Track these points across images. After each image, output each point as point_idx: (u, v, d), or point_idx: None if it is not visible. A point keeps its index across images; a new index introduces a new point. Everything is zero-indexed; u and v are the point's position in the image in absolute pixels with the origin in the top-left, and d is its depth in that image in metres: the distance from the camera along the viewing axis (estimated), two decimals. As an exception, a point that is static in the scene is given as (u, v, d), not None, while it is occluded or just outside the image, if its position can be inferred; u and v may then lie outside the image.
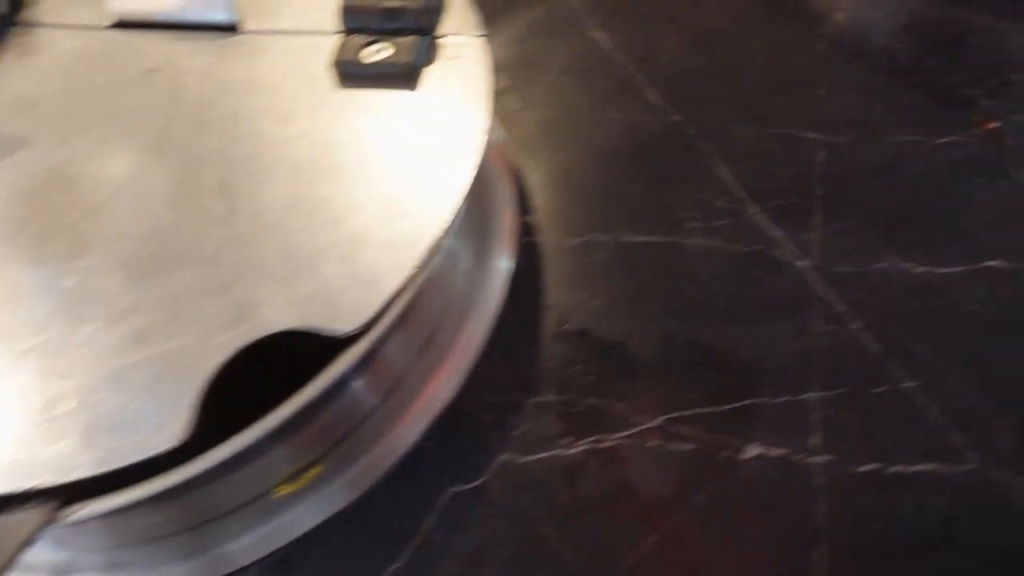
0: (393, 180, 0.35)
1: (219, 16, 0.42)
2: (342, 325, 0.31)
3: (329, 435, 0.34)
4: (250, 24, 0.42)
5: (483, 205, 0.42)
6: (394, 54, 0.38)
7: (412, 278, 0.32)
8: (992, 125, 0.42)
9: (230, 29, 0.42)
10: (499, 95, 0.47)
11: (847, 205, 0.40)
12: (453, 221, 0.33)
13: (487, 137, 0.36)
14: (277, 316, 0.31)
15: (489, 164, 0.43)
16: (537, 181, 0.44)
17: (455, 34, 0.40)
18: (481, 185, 0.42)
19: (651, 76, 0.47)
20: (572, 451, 0.35)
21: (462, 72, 0.38)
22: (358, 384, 0.34)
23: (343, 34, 0.40)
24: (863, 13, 0.48)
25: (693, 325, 0.38)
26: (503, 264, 0.40)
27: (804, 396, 0.35)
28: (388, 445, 0.35)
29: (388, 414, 0.35)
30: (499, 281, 0.40)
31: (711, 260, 0.40)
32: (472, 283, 0.40)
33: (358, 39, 0.39)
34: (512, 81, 0.48)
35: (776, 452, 0.34)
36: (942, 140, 0.42)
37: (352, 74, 0.38)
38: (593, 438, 0.35)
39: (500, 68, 0.48)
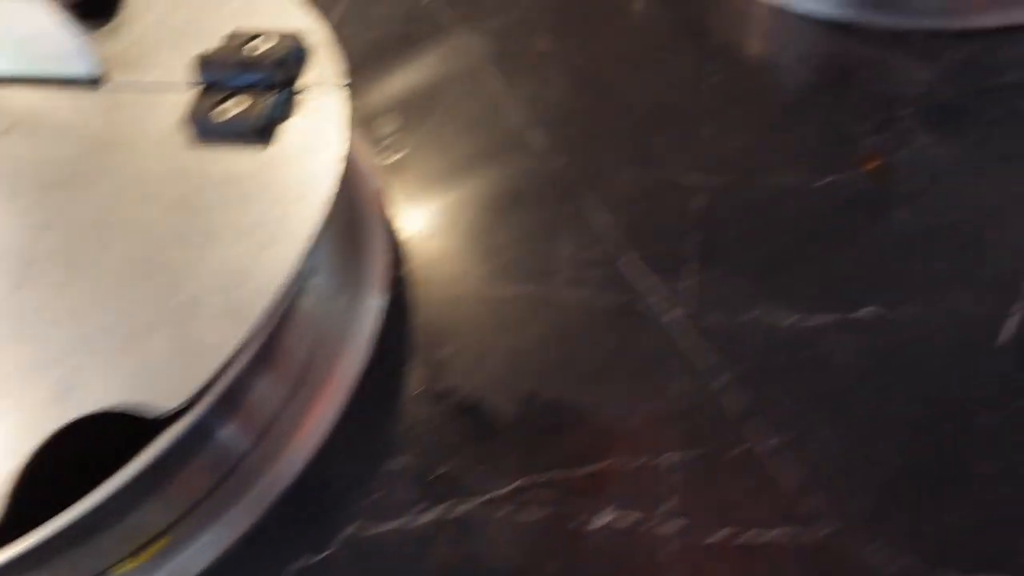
0: (238, 243, 0.34)
1: (81, 70, 0.41)
2: (162, 403, 0.30)
3: (170, 509, 0.34)
4: (114, 78, 0.41)
5: (354, 256, 0.41)
6: (248, 109, 0.37)
7: (242, 349, 0.31)
8: (874, 164, 0.41)
9: (93, 83, 0.41)
10: (384, 139, 0.46)
11: (724, 251, 0.39)
12: (289, 288, 0.32)
13: (335, 196, 0.35)
14: (98, 395, 0.30)
15: (361, 214, 0.42)
16: (415, 230, 0.43)
17: (316, 85, 0.39)
18: (351, 235, 0.41)
19: (539, 119, 0.46)
20: (424, 520, 0.34)
21: (319, 127, 0.37)
22: (195, 460, 0.33)
23: (201, 88, 0.39)
24: (753, 50, 0.47)
25: (557, 382, 0.37)
26: (370, 320, 0.39)
27: (661, 458, 0.34)
28: (235, 517, 0.35)
29: (233, 488, 0.35)
30: (365, 338, 0.39)
31: (580, 313, 0.39)
32: (335, 340, 0.39)
33: (215, 94, 0.38)
34: (400, 125, 0.47)
35: (629, 519, 0.33)
36: (824, 181, 0.41)
37: (205, 131, 0.38)
38: (447, 504, 0.34)
39: (388, 111, 0.48)
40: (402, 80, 0.49)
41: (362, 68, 0.49)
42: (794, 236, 0.40)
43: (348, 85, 0.39)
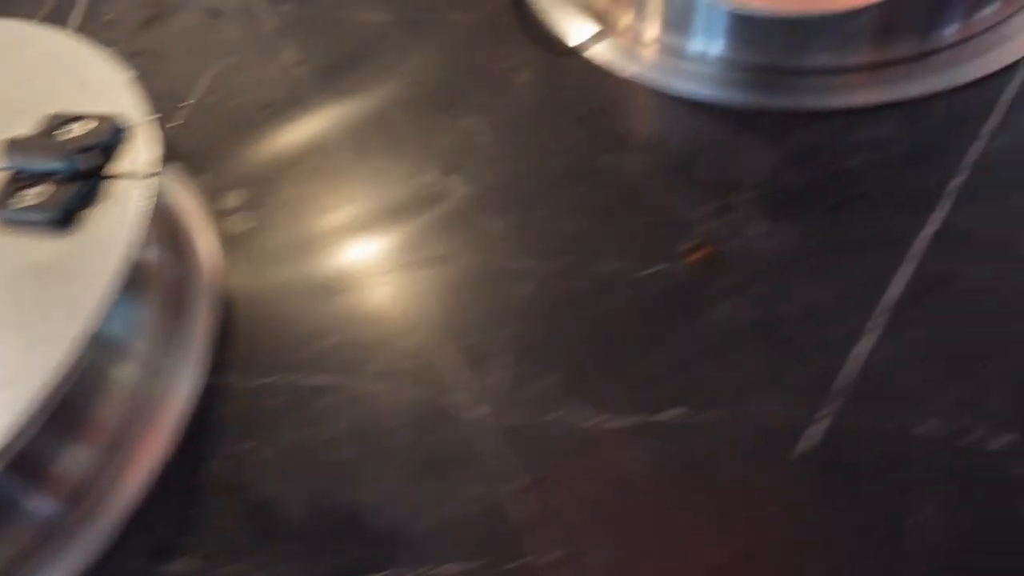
0: (18, 335, 0.33)
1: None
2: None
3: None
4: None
5: (177, 334, 0.40)
6: (48, 198, 0.37)
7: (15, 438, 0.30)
8: (703, 253, 0.40)
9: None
10: (231, 212, 0.46)
11: (539, 344, 0.38)
12: (55, 391, 0.32)
13: (120, 288, 0.34)
14: None
15: (188, 292, 0.42)
16: (247, 309, 0.42)
17: (127, 174, 0.38)
18: (175, 314, 0.41)
19: (383, 197, 0.45)
20: (195, 628, 0.33)
21: (118, 218, 0.37)
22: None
23: (9, 174, 0.38)
24: (604, 126, 0.46)
25: (351, 483, 0.36)
26: (181, 404, 0.39)
27: (442, 568, 0.33)
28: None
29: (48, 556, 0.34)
30: (174, 421, 0.38)
31: (388, 407, 0.38)
32: (147, 420, 0.38)
33: (21, 180, 0.38)
34: (249, 197, 0.46)
35: (397, 635, 0.32)
36: (651, 270, 0.40)
37: (5, 219, 0.37)
38: (223, 613, 0.33)
39: (240, 182, 0.47)
40: (257, 151, 0.48)
41: (220, 138, 0.49)
42: (610, 330, 0.39)
43: (156, 174, 0.38)
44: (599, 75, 0.48)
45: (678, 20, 0.46)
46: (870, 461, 0.34)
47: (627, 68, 0.47)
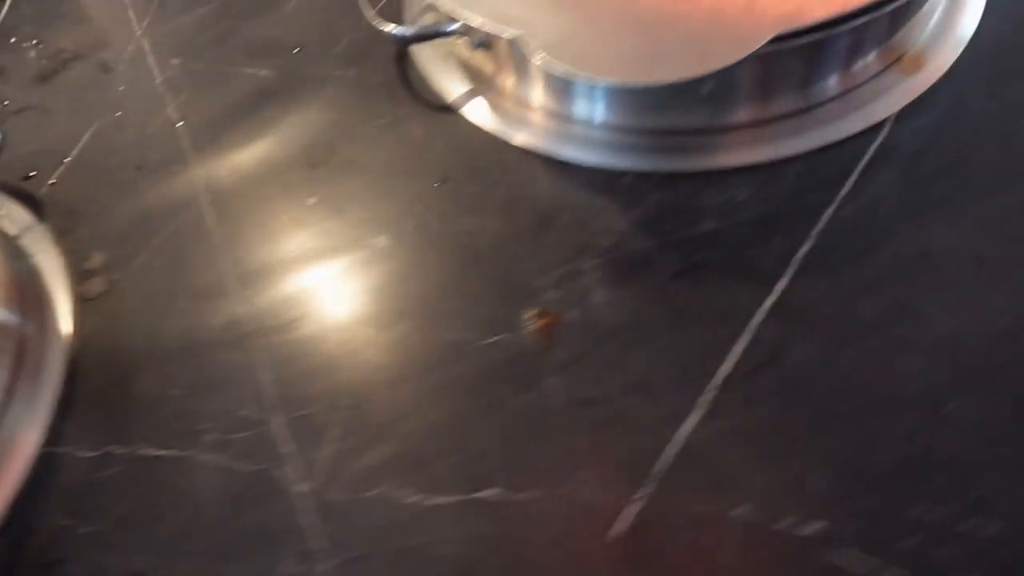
0: None
1: None
2: None
3: None
4: None
5: (12, 401, 0.40)
6: None
7: None
8: (542, 323, 0.40)
9: None
10: (89, 276, 0.46)
11: (367, 418, 0.38)
12: None
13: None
14: None
15: (29, 358, 0.42)
16: (91, 379, 0.42)
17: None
18: (13, 382, 0.40)
19: (241, 261, 0.45)
20: None
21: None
22: None
23: None
24: (465, 188, 0.46)
25: (168, 561, 0.36)
26: (11, 478, 0.38)
27: (243, 653, 0.33)
28: None
29: None
30: (5, 498, 0.38)
31: (216, 480, 0.37)
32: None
33: None
34: (110, 258, 0.46)
35: None
36: (489, 340, 0.40)
37: None
38: None
39: (104, 243, 0.47)
40: (125, 211, 0.48)
41: (91, 197, 0.49)
42: (442, 402, 0.38)
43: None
44: (473, 134, 0.48)
45: (543, 81, 0.46)
46: (683, 545, 0.33)
47: (499, 127, 0.47)
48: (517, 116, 0.47)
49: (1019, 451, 0.34)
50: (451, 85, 0.50)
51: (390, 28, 0.48)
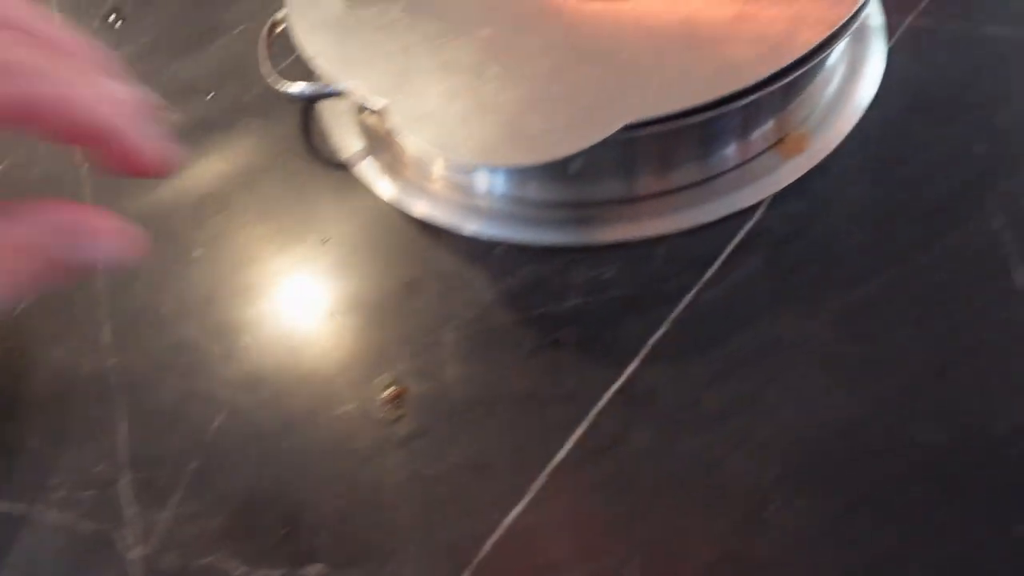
0: None
1: None
2: None
3: None
4: None
5: None
6: None
7: None
8: (393, 394, 0.40)
9: None
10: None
11: (212, 483, 0.39)
12: None
13: None
14: None
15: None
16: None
17: None
18: None
19: (109, 312, 0.46)
20: None
21: None
22: None
23: None
24: (342, 251, 0.46)
25: (-3, 619, 0.36)
26: None
27: None
28: None
29: None
30: None
31: (56, 541, 0.38)
32: None
33: None
34: None
35: None
36: (341, 410, 0.40)
37: None
38: None
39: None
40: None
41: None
42: (283, 472, 0.39)
43: None
44: (359, 195, 0.48)
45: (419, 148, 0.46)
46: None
47: (383, 190, 0.47)
48: (401, 179, 0.47)
49: (841, 554, 0.34)
50: (348, 143, 0.51)
51: (285, 87, 0.49)
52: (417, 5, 0.45)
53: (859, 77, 0.49)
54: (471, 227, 0.45)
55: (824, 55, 0.40)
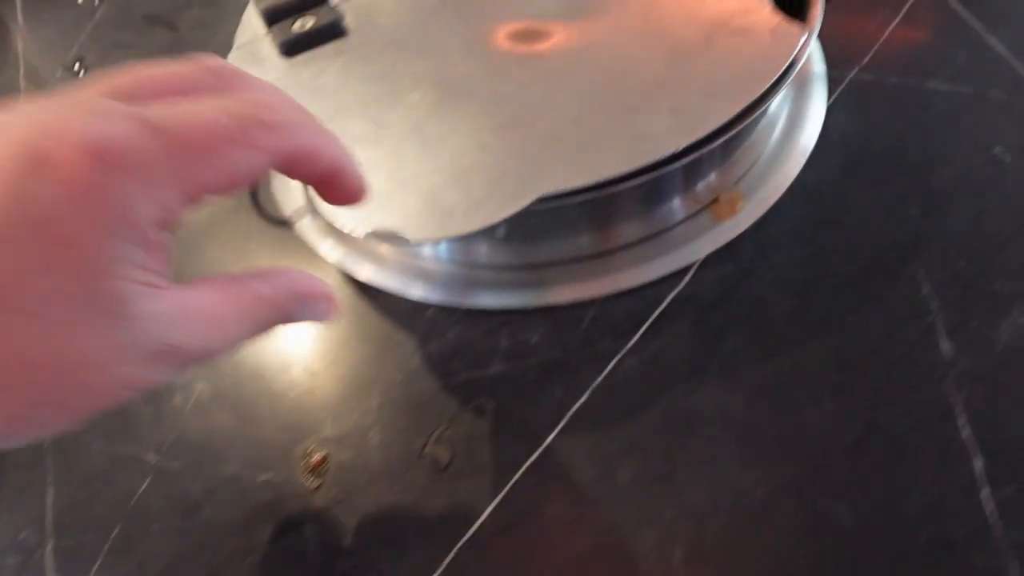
0: None
1: None
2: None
3: None
4: None
5: None
6: None
7: None
8: (315, 462, 0.40)
9: None
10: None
11: (125, 551, 0.39)
12: None
13: None
14: None
15: None
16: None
17: None
18: None
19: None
20: None
21: None
22: None
23: None
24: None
25: None
26: None
27: None
28: None
29: None
30: None
31: (-22, 607, 0.39)
32: None
33: None
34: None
35: None
36: (263, 477, 0.40)
37: None
38: None
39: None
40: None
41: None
42: (198, 541, 0.39)
43: None
44: (295, 253, 0.49)
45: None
46: None
47: (321, 250, 0.48)
48: (335, 238, 0.48)
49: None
50: (290, 199, 0.51)
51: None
52: (352, 65, 0.46)
53: (798, 134, 0.48)
54: (402, 287, 0.45)
55: (742, 126, 0.40)
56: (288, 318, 0.29)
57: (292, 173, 0.27)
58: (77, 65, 0.65)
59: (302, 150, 0.26)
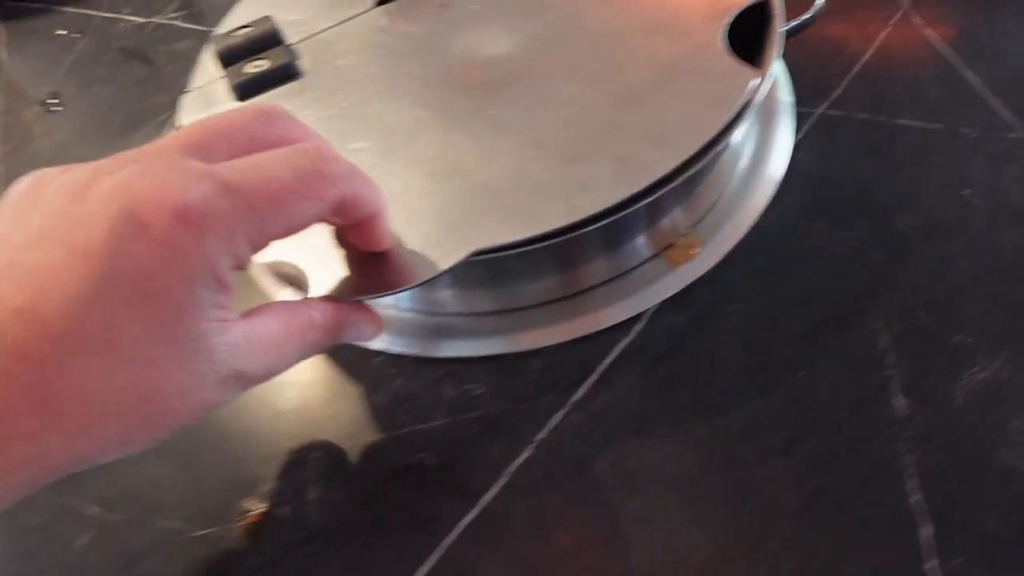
0: None
1: None
2: None
3: None
4: None
5: None
6: None
7: None
8: (253, 517, 0.40)
9: None
10: None
11: (68, 607, 0.39)
12: None
13: None
14: None
15: None
16: None
17: None
18: None
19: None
20: None
21: None
22: None
23: None
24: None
25: None
26: None
27: None
28: None
29: None
30: None
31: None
32: None
33: None
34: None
35: None
36: (202, 532, 0.40)
37: None
38: None
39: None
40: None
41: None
42: (143, 596, 0.39)
43: None
44: (255, 299, 0.48)
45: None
46: None
47: (271, 292, 0.47)
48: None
49: None
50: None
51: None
52: (304, 108, 0.45)
53: (763, 168, 0.47)
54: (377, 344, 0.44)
55: (690, 173, 0.39)
56: (336, 340, 0.34)
57: (338, 216, 0.31)
58: (56, 101, 0.65)
59: (353, 198, 0.30)
